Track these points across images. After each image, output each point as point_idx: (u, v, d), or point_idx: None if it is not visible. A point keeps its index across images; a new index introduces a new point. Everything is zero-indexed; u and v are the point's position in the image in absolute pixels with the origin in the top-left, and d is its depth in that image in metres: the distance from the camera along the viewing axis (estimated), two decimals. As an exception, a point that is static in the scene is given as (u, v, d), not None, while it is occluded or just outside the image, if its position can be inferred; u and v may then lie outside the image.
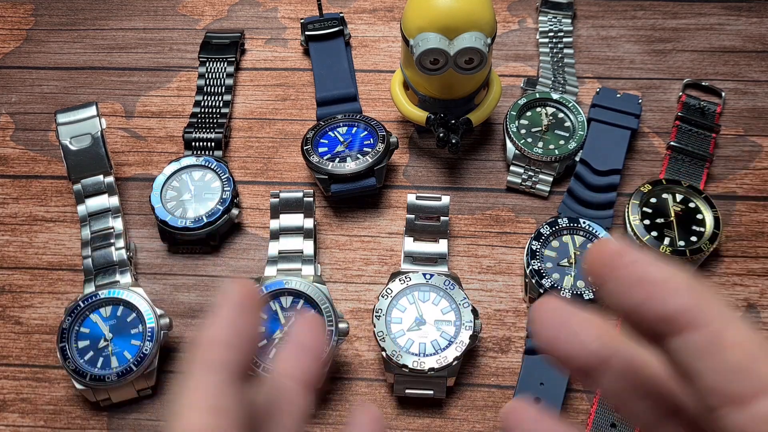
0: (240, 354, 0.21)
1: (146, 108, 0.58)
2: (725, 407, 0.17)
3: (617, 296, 0.19)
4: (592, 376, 0.21)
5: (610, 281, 0.19)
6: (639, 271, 0.19)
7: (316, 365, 0.24)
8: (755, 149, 0.54)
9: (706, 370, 0.18)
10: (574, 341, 0.21)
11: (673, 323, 0.18)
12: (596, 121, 0.53)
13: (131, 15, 0.63)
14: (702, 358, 0.18)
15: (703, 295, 0.18)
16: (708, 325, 0.18)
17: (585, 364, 0.21)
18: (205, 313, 0.49)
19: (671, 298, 0.18)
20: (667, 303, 0.18)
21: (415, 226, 0.48)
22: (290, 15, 0.63)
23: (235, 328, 0.21)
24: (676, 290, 0.18)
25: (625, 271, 0.19)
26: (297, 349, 0.24)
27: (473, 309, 0.45)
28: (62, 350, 0.44)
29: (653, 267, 0.19)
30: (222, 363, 0.20)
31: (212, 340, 0.21)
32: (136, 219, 0.53)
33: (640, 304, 0.18)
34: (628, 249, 0.19)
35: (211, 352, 0.21)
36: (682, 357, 0.18)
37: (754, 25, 0.60)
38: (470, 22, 0.46)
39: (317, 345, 0.24)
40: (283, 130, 0.56)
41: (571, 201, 0.51)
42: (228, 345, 0.21)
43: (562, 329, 0.21)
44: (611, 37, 0.60)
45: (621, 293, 0.19)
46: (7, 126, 0.57)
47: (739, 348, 0.17)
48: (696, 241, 0.48)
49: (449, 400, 0.46)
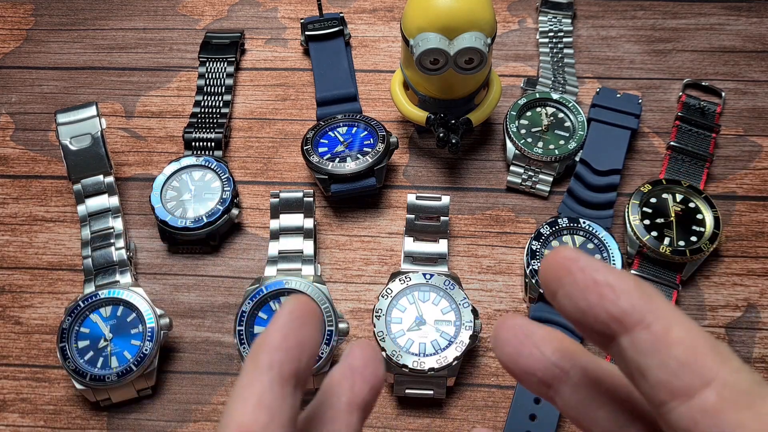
0: (292, 359, 0.21)
1: (146, 108, 0.58)
2: (672, 401, 0.18)
3: (572, 299, 0.20)
4: (553, 388, 0.23)
5: (564, 285, 0.20)
6: (591, 274, 0.20)
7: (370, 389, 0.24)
8: (755, 149, 0.54)
9: (653, 366, 0.19)
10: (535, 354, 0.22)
11: (622, 322, 0.19)
12: (596, 121, 0.53)
13: (131, 15, 0.63)
14: (649, 355, 0.19)
15: (650, 296, 0.19)
16: (655, 323, 0.19)
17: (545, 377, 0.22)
18: (205, 312, 0.49)
19: (621, 299, 0.19)
20: (617, 303, 0.19)
21: (415, 226, 0.48)
22: (290, 15, 0.63)
23: (288, 335, 0.22)
24: (625, 291, 0.19)
25: (579, 275, 0.20)
26: (349, 370, 0.24)
27: (473, 309, 0.45)
28: (62, 350, 0.44)
29: (604, 271, 0.20)
30: (272, 364, 0.21)
31: (265, 343, 0.22)
32: (136, 219, 0.53)
33: (593, 305, 0.20)
34: (581, 255, 0.20)
35: (263, 354, 0.21)
36: (631, 354, 0.19)
37: (754, 25, 0.60)
38: (470, 22, 0.46)
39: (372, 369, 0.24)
40: (283, 130, 0.56)
41: (571, 201, 0.51)
42: (278, 348, 0.21)
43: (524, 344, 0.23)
44: (611, 37, 0.60)
45: (575, 296, 0.20)
46: (7, 126, 0.57)
47: (683, 344, 0.18)
48: (696, 241, 0.48)
49: (449, 400, 0.46)
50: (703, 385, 0.18)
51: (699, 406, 0.18)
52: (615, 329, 0.19)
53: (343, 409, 0.23)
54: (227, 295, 0.49)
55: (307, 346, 0.22)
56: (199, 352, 0.48)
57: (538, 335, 0.23)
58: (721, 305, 0.48)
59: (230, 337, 0.48)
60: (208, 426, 0.45)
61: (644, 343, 0.19)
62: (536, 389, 0.23)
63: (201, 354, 0.48)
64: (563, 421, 0.45)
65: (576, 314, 0.20)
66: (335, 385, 0.24)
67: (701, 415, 0.18)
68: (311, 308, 0.23)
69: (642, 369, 0.19)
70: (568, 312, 0.20)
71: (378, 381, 0.24)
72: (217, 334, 0.48)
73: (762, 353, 0.46)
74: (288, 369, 0.21)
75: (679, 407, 0.18)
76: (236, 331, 0.44)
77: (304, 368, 0.22)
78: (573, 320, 0.21)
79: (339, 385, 0.24)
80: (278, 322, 0.22)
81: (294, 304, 0.23)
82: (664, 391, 0.19)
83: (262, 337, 0.22)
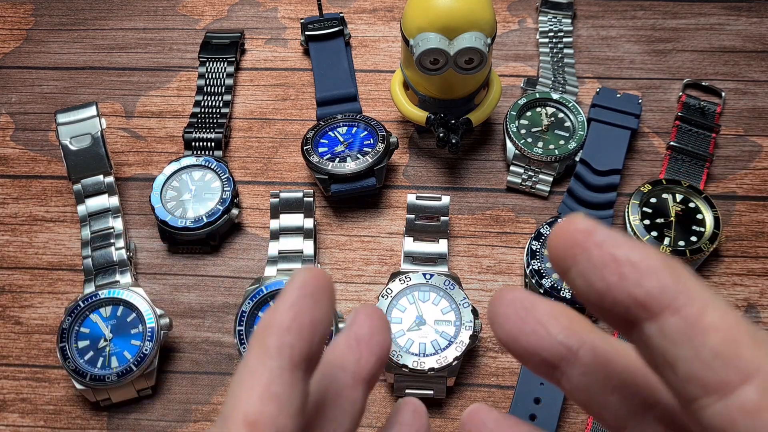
0: (302, 341, 0.19)
1: (146, 108, 0.58)
2: (705, 397, 0.16)
3: (587, 279, 0.17)
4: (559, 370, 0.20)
5: (578, 263, 0.17)
6: (611, 250, 0.17)
7: (376, 360, 0.22)
8: (755, 149, 0.54)
9: (685, 357, 0.16)
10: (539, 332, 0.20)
11: (648, 307, 0.17)
12: (596, 121, 0.53)
13: (131, 15, 0.63)
14: (680, 344, 0.16)
15: (680, 276, 0.17)
16: (686, 308, 0.16)
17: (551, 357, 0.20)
18: (205, 312, 0.49)
19: (646, 279, 0.17)
20: (641, 284, 0.17)
21: (415, 226, 0.48)
22: (290, 15, 0.63)
23: (298, 313, 0.19)
24: (651, 271, 0.17)
25: (596, 252, 0.17)
26: (354, 341, 0.22)
27: (473, 309, 0.45)
28: (62, 350, 0.44)
29: (626, 246, 0.17)
30: (280, 348, 0.19)
31: (272, 325, 0.19)
32: (136, 219, 0.53)
33: (612, 286, 0.17)
34: (597, 227, 0.17)
35: (270, 337, 0.19)
36: (658, 343, 0.17)
37: (754, 25, 0.60)
38: (470, 22, 0.46)
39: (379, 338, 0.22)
40: (283, 130, 0.56)
41: (571, 201, 0.51)
42: (288, 330, 0.19)
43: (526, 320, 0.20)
44: (611, 37, 0.60)
45: (591, 275, 0.17)
46: (7, 126, 0.57)
47: (720, 332, 0.16)
48: (696, 241, 0.48)
49: (449, 400, 0.46)
50: (742, 380, 0.16)
51: (738, 404, 0.16)
52: (639, 314, 0.17)
53: (348, 383, 0.22)
54: (227, 295, 0.49)
55: (320, 325, 0.20)
56: (199, 352, 0.48)
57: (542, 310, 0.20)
58: (721, 305, 0.48)
59: (230, 337, 0.48)
60: (208, 426, 0.45)
61: (674, 330, 0.16)
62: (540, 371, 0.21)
63: (201, 354, 0.48)
64: (563, 421, 0.45)
65: (592, 296, 0.17)
66: (339, 358, 0.22)
67: (740, 414, 0.16)
68: (324, 281, 0.20)
69: (671, 360, 0.16)
70: (583, 293, 0.18)
71: (385, 351, 0.22)
72: (217, 334, 0.48)
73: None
74: (299, 353, 0.19)
75: (714, 404, 0.16)
76: (236, 331, 0.44)
77: (315, 351, 0.20)
78: (589, 303, 0.18)
79: (343, 357, 0.22)
80: (288, 298, 0.20)
81: (305, 276, 0.20)
82: (696, 385, 0.16)
83: (270, 316, 0.20)
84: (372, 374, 0.22)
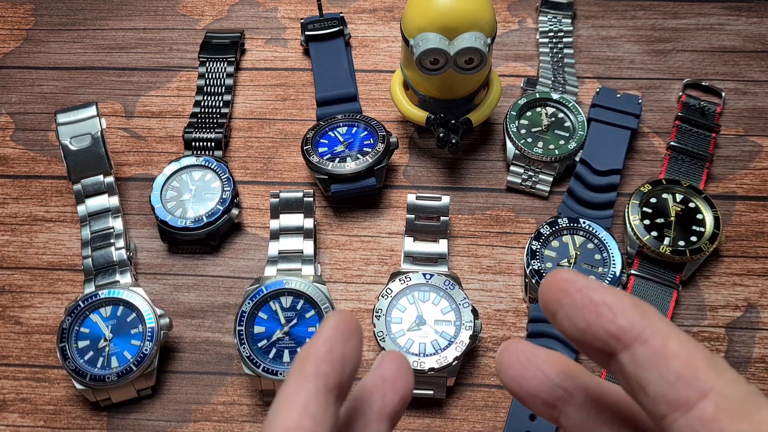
0: (335, 371, 0.22)
1: (146, 108, 0.58)
2: (671, 414, 0.19)
3: (571, 319, 0.21)
4: (557, 409, 0.23)
5: (563, 306, 0.21)
6: (589, 294, 0.21)
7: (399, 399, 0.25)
8: (755, 149, 0.54)
9: (652, 379, 0.19)
10: (539, 377, 0.23)
11: (621, 339, 0.20)
12: (596, 121, 0.53)
13: (131, 15, 0.63)
14: (648, 369, 0.19)
15: (647, 313, 0.20)
16: (652, 339, 0.20)
17: (549, 398, 0.23)
18: (205, 313, 0.49)
19: (618, 317, 0.20)
20: (615, 321, 0.20)
21: (415, 226, 0.48)
22: (290, 15, 0.63)
23: (332, 347, 0.22)
24: (622, 310, 0.20)
25: (577, 296, 0.21)
26: (381, 380, 0.25)
27: (473, 309, 0.45)
28: (62, 350, 0.44)
29: (601, 290, 0.21)
30: (317, 375, 0.22)
31: (309, 355, 0.22)
32: (136, 219, 0.53)
33: (591, 324, 0.20)
34: (578, 276, 0.21)
35: (308, 365, 0.22)
36: (631, 370, 0.20)
37: (754, 25, 0.60)
38: (470, 22, 0.46)
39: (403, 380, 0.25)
40: (283, 130, 0.56)
41: (571, 201, 0.51)
42: (324, 360, 0.22)
43: (527, 367, 0.24)
44: (611, 37, 0.60)
45: (574, 316, 0.21)
46: (7, 126, 0.57)
47: (681, 358, 0.19)
48: (696, 241, 0.48)
49: (449, 400, 0.46)
50: (700, 396, 0.19)
51: (698, 417, 0.19)
52: (614, 346, 0.20)
53: (373, 417, 0.24)
54: (227, 295, 0.49)
55: (350, 360, 0.23)
56: (199, 352, 0.48)
57: (540, 358, 0.24)
58: (721, 305, 0.48)
59: (230, 337, 0.48)
60: (208, 426, 0.45)
61: (643, 357, 0.20)
62: (541, 410, 0.24)
63: (201, 354, 0.48)
64: (563, 421, 0.45)
65: (576, 333, 0.21)
66: (367, 394, 0.25)
67: (700, 425, 0.19)
68: (354, 324, 0.23)
69: (642, 383, 0.20)
70: (568, 332, 0.21)
71: (408, 392, 0.25)
72: (217, 334, 0.48)
73: (762, 353, 0.46)
74: (332, 380, 0.22)
75: (679, 419, 0.19)
76: (236, 331, 0.44)
77: (346, 381, 0.23)
78: (573, 339, 0.21)
79: (370, 393, 0.25)
80: (323, 334, 0.23)
81: (338, 318, 0.23)
82: (663, 403, 0.19)
83: (308, 348, 0.23)
84: (395, 411, 0.25)
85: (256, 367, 0.43)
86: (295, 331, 0.45)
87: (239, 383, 0.47)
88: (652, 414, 0.20)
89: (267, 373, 0.43)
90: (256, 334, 0.45)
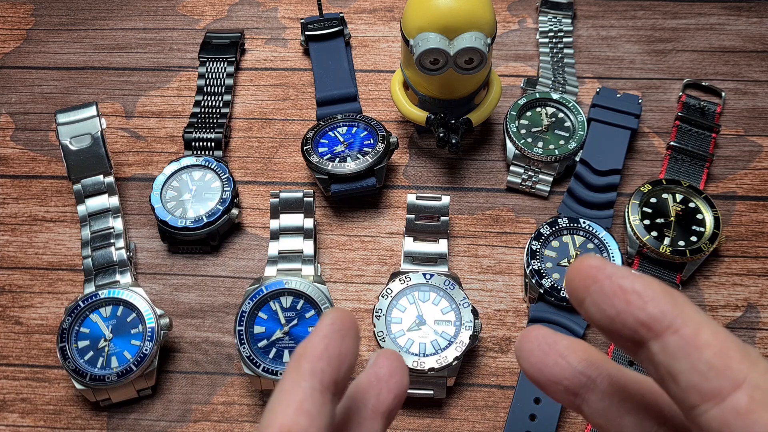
0: (332, 368, 0.22)
1: (146, 108, 0.58)
2: (703, 404, 0.19)
3: (599, 307, 0.20)
4: (579, 397, 0.23)
5: (591, 293, 0.20)
6: (618, 281, 0.20)
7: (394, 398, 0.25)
8: (755, 149, 0.54)
9: (684, 369, 0.19)
10: (561, 364, 0.23)
11: (651, 328, 0.20)
12: (596, 121, 0.53)
13: (131, 15, 0.63)
14: (679, 359, 0.19)
15: (678, 301, 0.20)
16: (683, 328, 0.19)
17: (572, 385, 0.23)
18: (205, 313, 0.49)
19: (649, 305, 0.20)
20: (645, 309, 0.20)
21: (415, 226, 0.48)
22: (290, 15, 0.63)
23: (328, 345, 0.22)
24: (653, 297, 0.20)
25: (606, 283, 0.20)
26: (375, 379, 0.25)
27: (473, 309, 0.45)
28: (62, 350, 0.44)
29: (631, 277, 0.20)
30: (313, 372, 0.22)
31: (306, 352, 0.22)
32: (136, 219, 0.53)
33: (621, 312, 0.20)
34: (606, 263, 0.21)
35: (304, 362, 0.22)
36: (662, 359, 0.19)
37: (754, 25, 0.60)
38: (470, 22, 0.46)
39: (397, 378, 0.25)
40: (283, 130, 0.56)
41: (571, 201, 0.51)
42: (320, 358, 0.22)
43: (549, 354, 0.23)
44: (611, 37, 0.60)
45: (602, 303, 0.20)
46: (7, 126, 0.57)
47: (713, 347, 0.19)
48: (696, 241, 0.48)
49: (449, 400, 0.46)
50: (733, 387, 0.18)
51: (731, 408, 0.18)
52: (644, 335, 0.20)
53: (368, 416, 0.24)
54: (227, 295, 0.49)
55: (347, 357, 0.23)
56: (199, 352, 0.48)
57: (562, 344, 0.23)
58: (721, 305, 0.48)
59: (230, 337, 0.48)
60: (208, 426, 0.45)
61: (674, 347, 0.19)
62: (562, 398, 0.23)
63: (201, 354, 0.48)
64: (563, 421, 0.45)
65: (604, 321, 0.20)
66: (361, 392, 0.25)
67: (733, 417, 0.18)
68: (351, 321, 0.23)
69: (673, 373, 0.19)
70: (596, 319, 0.21)
71: (402, 390, 0.25)
72: (217, 334, 0.48)
73: (762, 353, 0.46)
74: (328, 378, 0.22)
75: (711, 410, 0.18)
76: (236, 331, 0.44)
77: (342, 379, 0.23)
78: (601, 327, 0.21)
79: (365, 392, 0.25)
80: (320, 332, 0.23)
81: (335, 316, 0.23)
82: (695, 394, 0.19)
83: (304, 346, 0.23)
84: (390, 409, 0.25)
85: (256, 367, 0.43)
86: (295, 331, 0.45)
87: (239, 383, 0.47)
88: (682, 404, 0.19)
89: (267, 373, 0.43)
90: (256, 334, 0.45)
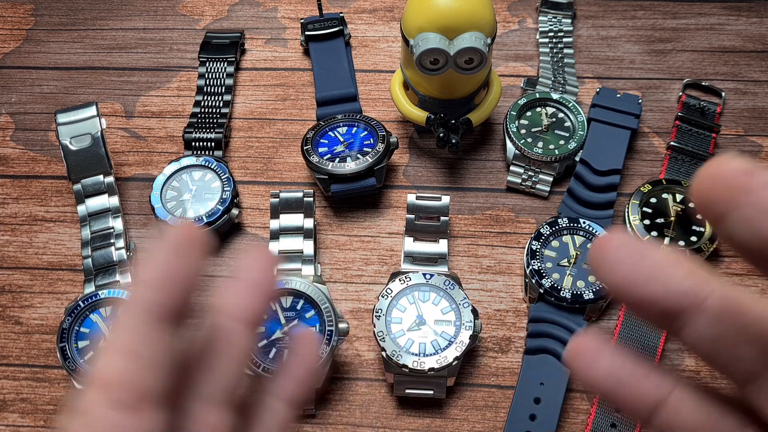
0: (168, 296, 0.20)
1: (146, 108, 0.58)
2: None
3: (752, 225, 0.15)
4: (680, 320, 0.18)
5: (740, 207, 0.16)
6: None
7: (263, 302, 0.22)
8: (755, 149, 0.54)
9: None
10: (658, 280, 0.18)
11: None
12: (596, 121, 0.53)
13: (131, 15, 0.63)
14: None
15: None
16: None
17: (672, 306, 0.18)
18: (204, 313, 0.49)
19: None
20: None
21: (415, 226, 0.48)
22: (290, 15, 0.63)
23: (165, 269, 0.20)
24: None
25: (762, 194, 0.15)
26: (241, 285, 0.22)
27: (473, 309, 0.45)
28: (62, 350, 0.44)
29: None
30: (144, 306, 0.20)
31: (137, 282, 0.20)
32: (136, 219, 0.53)
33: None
34: (757, 166, 0.16)
35: (133, 295, 0.20)
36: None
37: (754, 25, 0.60)
38: (470, 22, 0.46)
39: (265, 280, 0.22)
40: (283, 130, 0.56)
41: (571, 201, 0.51)
42: (153, 287, 0.20)
43: (640, 267, 0.18)
44: (611, 37, 0.60)
45: (757, 220, 0.15)
46: (7, 126, 0.57)
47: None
48: (696, 241, 0.48)
49: (449, 400, 0.46)
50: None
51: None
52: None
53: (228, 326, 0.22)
54: (227, 295, 0.49)
55: (187, 276, 0.20)
56: (199, 352, 0.48)
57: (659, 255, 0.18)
58: (721, 305, 0.48)
59: (230, 337, 0.48)
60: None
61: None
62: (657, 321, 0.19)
63: (201, 354, 0.48)
64: (563, 421, 0.45)
65: (756, 243, 0.16)
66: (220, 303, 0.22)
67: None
68: (191, 236, 0.21)
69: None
70: (745, 241, 0.16)
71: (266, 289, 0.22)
72: (217, 334, 0.48)
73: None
74: (160, 308, 0.20)
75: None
76: (236, 331, 0.44)
77: (180, 302, 0.20)
78: (750, 253, 0.16)
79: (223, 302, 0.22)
80: (154, 256, 0.20)
81: (171, 233, 0.21)
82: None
83: (138, 277, 0.20)
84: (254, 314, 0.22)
85: (256, 367, 0.43)
86: (295, 331, 0.45)
87: (239, 383, 0.47)
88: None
89: (267, 373, 0.43)
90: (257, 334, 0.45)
